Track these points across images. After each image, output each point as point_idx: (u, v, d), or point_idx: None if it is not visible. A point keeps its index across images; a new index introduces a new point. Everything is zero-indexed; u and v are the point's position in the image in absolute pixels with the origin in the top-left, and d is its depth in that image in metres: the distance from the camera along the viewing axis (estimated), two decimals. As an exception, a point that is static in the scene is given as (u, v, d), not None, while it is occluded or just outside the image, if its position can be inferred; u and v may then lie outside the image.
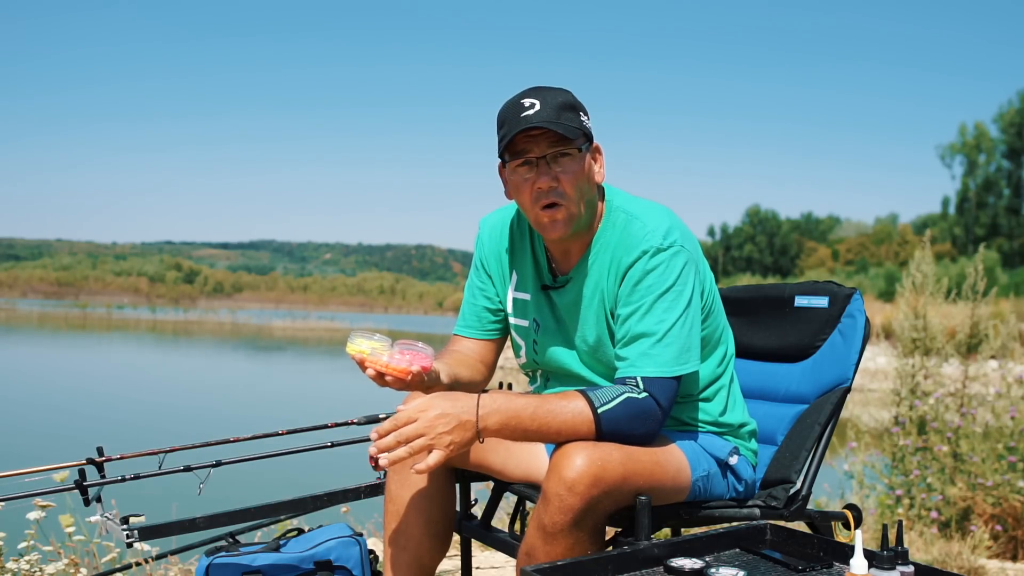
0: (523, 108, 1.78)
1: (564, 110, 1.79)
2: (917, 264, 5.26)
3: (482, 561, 3.49)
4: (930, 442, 4.79)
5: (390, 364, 1.72)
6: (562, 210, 1.80)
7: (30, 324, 45.39)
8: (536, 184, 1.79)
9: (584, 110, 1.85)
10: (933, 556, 3.87)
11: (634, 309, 1.79)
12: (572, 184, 1.79)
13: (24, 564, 2.89)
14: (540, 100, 1.78)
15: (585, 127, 1.83)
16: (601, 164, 1.89)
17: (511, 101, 1.81)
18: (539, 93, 1.80)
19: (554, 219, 1.81)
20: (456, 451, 1.65)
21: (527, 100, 1.78)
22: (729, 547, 1.65)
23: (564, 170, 1.79)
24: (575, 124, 1.79)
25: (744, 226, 65.48)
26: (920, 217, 55.18)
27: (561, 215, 1.81)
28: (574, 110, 1.81)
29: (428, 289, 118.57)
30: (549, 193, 1.79)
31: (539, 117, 1.76)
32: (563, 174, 1.79)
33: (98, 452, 2.71)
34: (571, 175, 1.79)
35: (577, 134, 1.79)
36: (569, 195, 1.79)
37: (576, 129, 1.79)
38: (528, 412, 1.69)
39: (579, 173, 1.80)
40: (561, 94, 1.82)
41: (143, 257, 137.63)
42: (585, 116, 1.84)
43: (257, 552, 2.38)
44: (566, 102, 1.80)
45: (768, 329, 2.26)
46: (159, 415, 12.82)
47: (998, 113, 50.19)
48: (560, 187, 1.79)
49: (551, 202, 1.80)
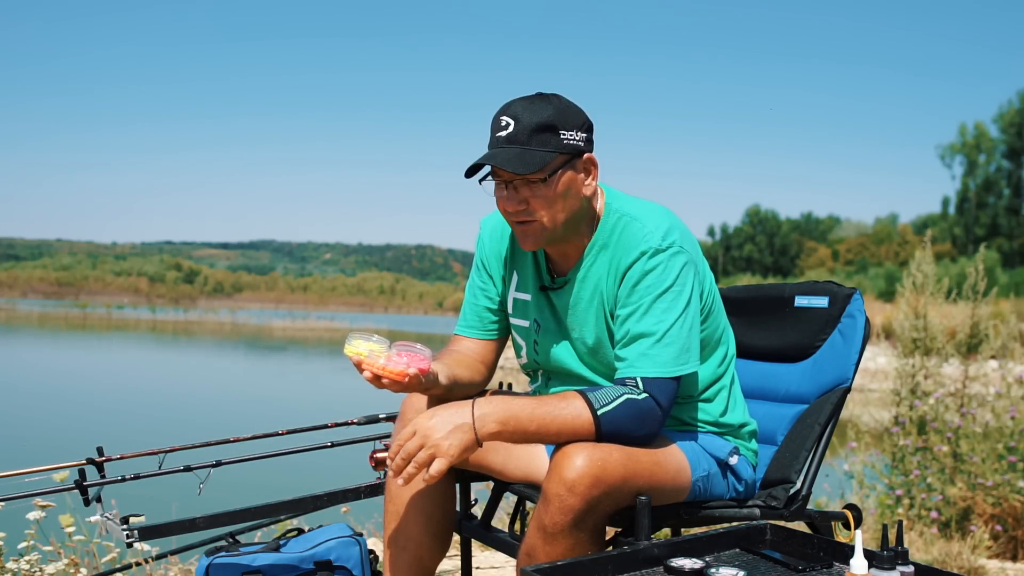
0: (499, 127, 1.78)
1: (539, 132, 1.75)
2: (917, 264, 5.26)
3: (482, 561, 3.49)
4: (930, 442, 4.79)
5: (387, 367, 1.72)
6: (534, 226, 1.81)
7: (30, 324, 45.38)
8: (505, 206, 1.81)
9: (569, 124, 1.79)
10: (933, 556, 3.87)
11: (633, 309, 1.79)
12: (542, 206, 1.79)
13: (24, 564, 2.89)
14: (516, 120, 1.76)
15: (565, 145, 1.78)
16: (594, 176, 1.85)
17: (495, 115, 1.81)
18: (519, 110, 1.77)
19: (525, 234, 1.83)
20: (459, 456, 1.68)
21: (504, 118, 1.78)
22: (729, 547, 1.65)
23: (533, 194, 1.79)
24: (550, 147, 1.76)
25: (744, 226, 65.53)
26: (920, 217, 55.24)
27: (532, 231, 1.82)
28: (551, 130, 1.76)
29: (428, 289, 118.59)
30: (519, 213, 1.81)
31: (508, 144, 1.75)
32: (532, 198, 1.79)
33: (98, 452, 2.71)
34: (540, 199, 1.79)
35: (545, 161, 1.75)
36: (539, 214, 1.80)
37: (549, 153, 1.75)
38: (526, 413, 1.69)
39: (550, 196, 1.78)
40: (543, 111, 1.77)
41: (143, 257, 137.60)
42: (571, 131, 1.79)
43: (257, 552, 2.38)
44: (543, 122, 1.76)
45: (768, 329, 2.26)
46: (159, 415, 12.82)
47: (998, 113, 50.26)
48: (530, 208, 1.80)
49: (521, 220, 1.82)
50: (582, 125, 1.81)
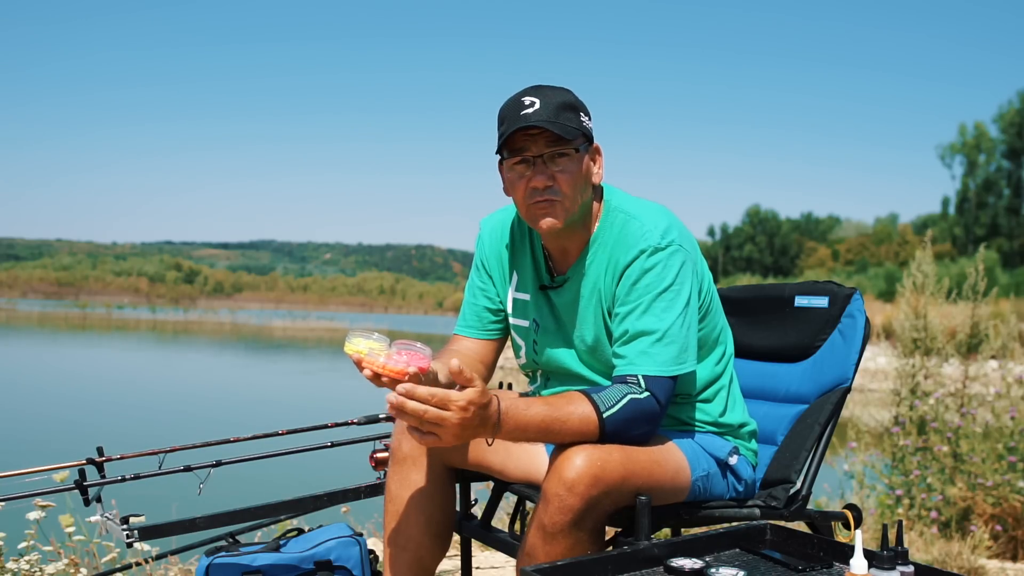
0: (523, 106, 1.78)
1: (564, 110, 1.79)
2: (918, 264, 5.26)
3: (482, 561, 3.49)
4: (930, 442, 4.79)
5: (387, 365, 1.72)
6: (557, 205, 1.81)
7: (30, 324, 45.38)
8: (532, 182, 1.80)
9: (585, 110, 1.85)
10: (933, 556, 3.87)
11: (632, 308, 1.79)
12: (569, 183, 1.80)
13: (24, 564, 2.89)
14: (540, 99, 1.78)
15: (585, 128, 1.83)
16: (600, 165, 1.89)
17: (512, 99, 1.82)
18: (540, 92, 1.80)
19: (546, 213, 1.81)
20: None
21: (527, 98, 1.79)
22: (729, 547, 1.65)
23: (562, 169, 1.79)
24: (574, 124, 1.80)
25: (744, 226, 65.54)
26: (920, 217, 55.24)
27: (555, 210, 1.81)
28: (574, 110, 1.81)
29: (428, 289, 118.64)
30: (545, 191, 1.80)
31: (538, 116, 1.76)
32: (560, 173, 1.79)
33: (98, 452, 2.71)
34: (568, 175, 1.79)
35: (575, 134, 1.79)
36: (565, 193, 1.80)
37: (575, 129, 1.79)
38: (536, 422, 1.68)
39: (576, 173, 1.80)
40: (562, 93, 1.82)
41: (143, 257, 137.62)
42: (585, 117, 1.85)
43: (257, 552, 2.38)
44: (566, 102, 1.81)
45: (768, 329, 2.26)
46: (159, 415, 12.82)
47: (998, 113, 50.29)
48: (556, 185, 1.80)
49: (545, 199, 1.81)
50: (590, 115, 1.87)
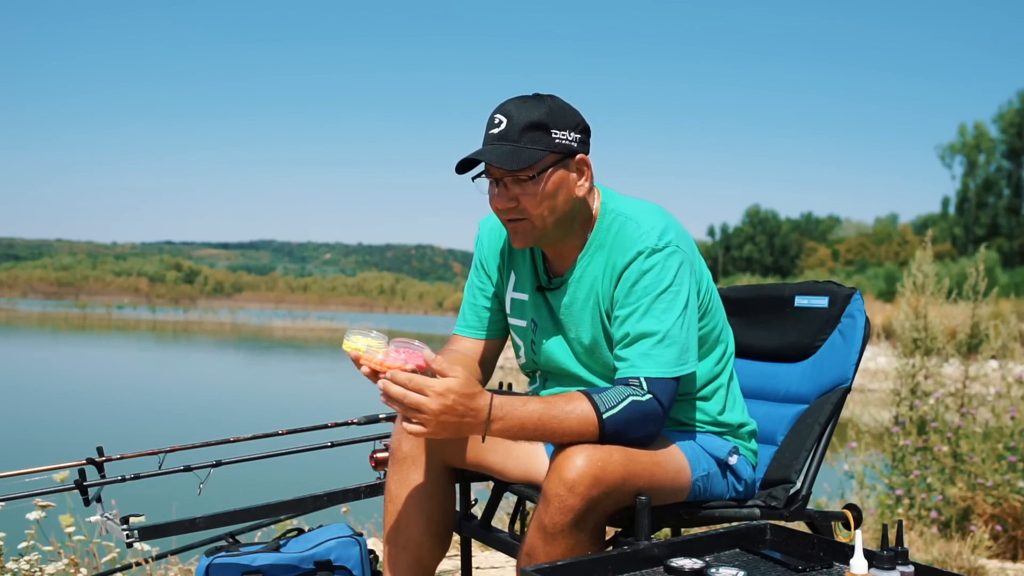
0: (492, 124, 1.80)
1: (530, 130, 1.77)
2: (918, 264, 5.26)
3: (482, 561, 3.49)
4: (930, 442, 4.79)
5: (385, 362, 1.72)
6: (524, 224, 1.83)
7: (30, 324, 45.37)
8: (496, 203, 1.83)
9: (563, 125, 1.80)
10: (933, 556, 3.87)
11: (632, 310, 1.79)
12: (532, 204, 1.80)
13: (24, 564, 2.89)
14: (508, 118, 1.78)
15: (557, 145, 1.79)
16: (588, 177, 1.86)
17: (492, 112, 1.82)
18: (512, 109, 1.79)
19: (515, 232, 1.85)
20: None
21: (498, 116, 1.80)
22: (729, 547, 1.65)
23: (524, 192, 1.80)
24: (540, 145, 1.77)
25: (744, 226, 65.53)
26: (920, 217, 55.24)
27: (522, 228, 1.83)
28: (543, 129, 1.78)
29: (428, 289, 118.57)
30: (509, 211, 1.82)
31: (496, 142, 1.78)
32: (522, 195, 1.80)
33: (98, 452, 2.71)
34: (531, 196, 1.80)
35: (537, 157, 1.76)
36: (531, 213, 1.81)
37: (538, 151, 1.77)
38: (533, 419, 1.68)
39: (540, 194, 1.79)
40: (536, 110, 1.79)
41: (143, 257, 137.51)
42: (563, 131, 1.80)
43: (257, 552, 2.38)
44: (533, 121, 1.77)
45: (768, 329, 2.26)
46: (159, 415, 12.82)
47: (998, 113, 50.30)
48: (521, 206, 1.81)
49: (512, 218, 1.83)
50: (576, 126, 1.83)
